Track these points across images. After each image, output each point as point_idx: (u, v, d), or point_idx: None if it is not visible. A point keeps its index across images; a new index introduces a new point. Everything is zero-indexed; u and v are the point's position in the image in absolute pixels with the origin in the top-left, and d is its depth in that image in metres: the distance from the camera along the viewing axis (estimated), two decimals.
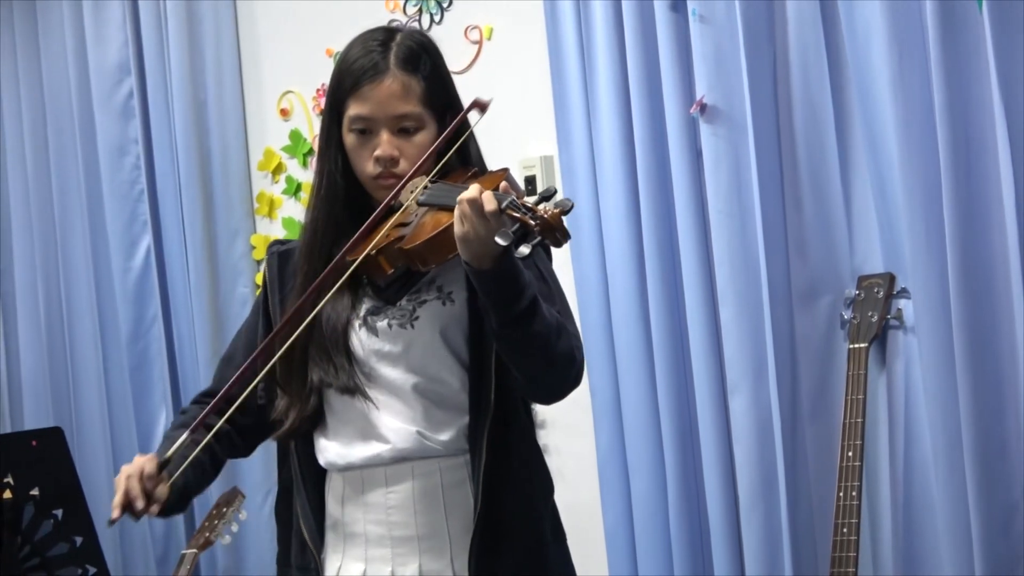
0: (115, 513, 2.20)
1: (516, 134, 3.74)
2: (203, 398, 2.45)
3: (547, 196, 2.02)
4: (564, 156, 3.60)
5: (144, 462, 2.23)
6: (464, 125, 2.31)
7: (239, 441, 2.42)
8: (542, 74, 3.66)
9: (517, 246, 1.99)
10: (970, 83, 2.93)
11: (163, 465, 2.23)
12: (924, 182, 2.98)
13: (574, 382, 2.23)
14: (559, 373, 2.20)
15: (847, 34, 3.12)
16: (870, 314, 3.12)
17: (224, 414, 2.26)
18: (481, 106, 2.29)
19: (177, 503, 2.29)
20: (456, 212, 2.06)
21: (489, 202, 2.03)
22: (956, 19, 2.92)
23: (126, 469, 2.22)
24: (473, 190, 2.05)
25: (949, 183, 2.92)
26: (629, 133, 3.45)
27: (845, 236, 3.23)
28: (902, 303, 3.13)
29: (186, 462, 2.24)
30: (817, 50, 3.20)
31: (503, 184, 2.08)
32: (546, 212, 1.98)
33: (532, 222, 1.98)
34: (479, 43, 3.88)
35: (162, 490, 2.22)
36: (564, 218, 1.98)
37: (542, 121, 3.70)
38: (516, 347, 2.15)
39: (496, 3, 3.85)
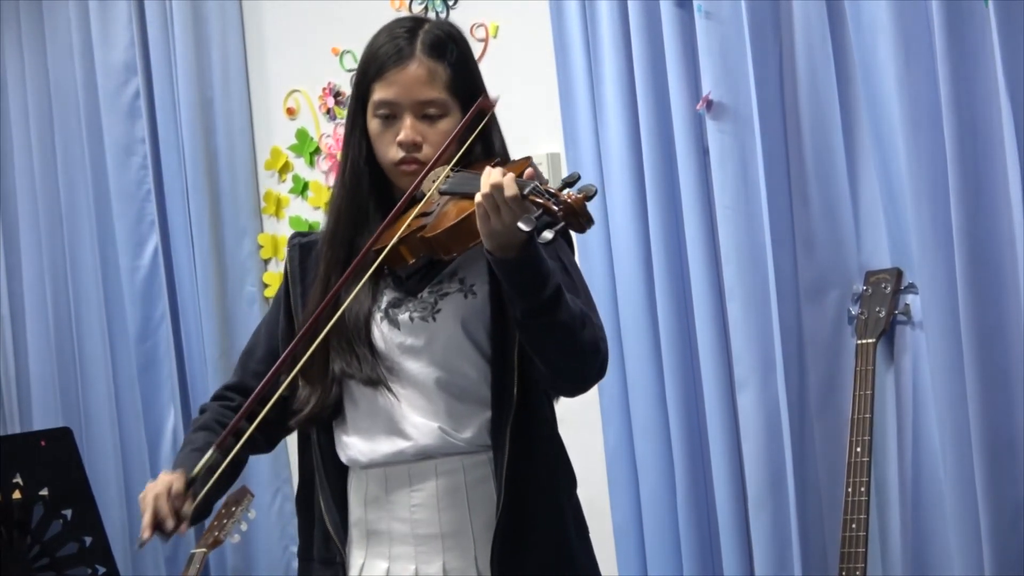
0: (145, 534, 2.18)
1: (522, 131, 3.72)
2: (226, 392, 2.43)
3: (570, 182, 2.01)
4: (571, 153, 3.60)
5: (171, 480, 2.21)
6: (484, 117, 2.29)
7: (261, 439, 2.37)
8: (548, 71, 3.66)
9: (540, 232, 1.97)
10: (976, 79, 2.93)
11: (190, 483, 2.21)
12: (931, 177, 2.98)
13: (599, 373, 2.22)
14: (584, 363, 2.18)
15: (853, 30, 3.12)
16: (878, 309, 3.12)
17: (255, 418, 2.22)
18: (485, 107, 2.27)
19: (202, 514, 2.28)
20: (478, 198, 2.04)
21: (511, 187, 2.01)
22: (962, 15, 2.92)
23: (152, 488, 2.20)
24: (495, 175, 2.03)
25: (956, 178, 2.92)
26: (635, 130, 3.46)
27: (852, 232, 3.23)
28: (910, 298, 3.13)
29: (214, 477, 2.21)
30: (823, 46, 3.20)
31: (528, 171, 2.06)
32: (569, 197, 1.96)
33: (555, 207, 1.97)
34: (485, 41, 3.88)
35: (188, 507, 2.20)
36: (587, 203, 1.97)
37: (548, 118, 3.70)
38: (541, 337, 2.14)
39: (502, 1, 3.85)
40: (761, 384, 3.27)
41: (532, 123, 3.75)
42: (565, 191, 1.99)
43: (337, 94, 4.23)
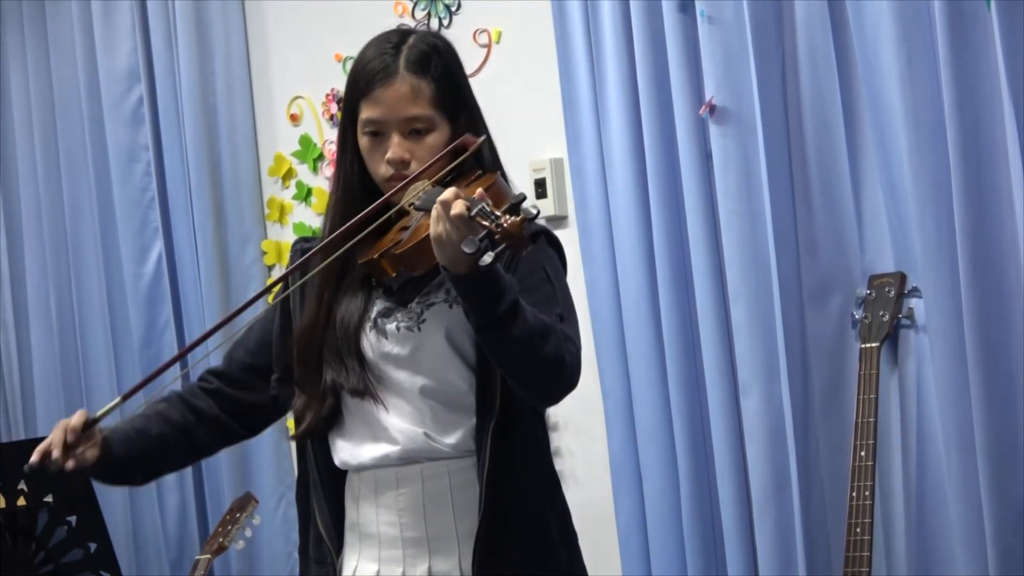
0: (34, 458, 2.24)
1: (526, 137, 3.75)
2: (208, 375, 2.51)
3: (517, 203, 2.02)
4: (574, 158, 3.60)
5: (76, 416, 2.28)
6: (477, 131, 2.32)
7: (235, 424, 2.46)
8: (551, 76, 3.66)
9: (483, 254, 1.99)
10: (979, 81, 2.93)
11: (89, 423, 2.27)
12: (934, 180, 2.98)
13: (567, 385, 2.23)
14: (546, 376, 2.19)
15: (856, 33, 3.12)
16: (881, 313, 3.12)
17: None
18: (465, 145, 2.30)
19: (118, 470, 2.36)
20: (431, 216, 2.08)
21: (458, 207, 2.03)
22: (964, 17, 2.92)
23: (62, 422, 2.28)
24: (448, 193, 2.06)
25: (959, 181, 2.92)
26: (638, 134, 3.46)
27: (855, 235, 3.23)
28: (913, 302, 3.13)
29: (103, 413, 2.28)
30: (826, 50, 3.20)
31: (479, 191, 2.08)
32: (507, 220, 1.98)
33: (496, 229, 1.98)
34: (488, 46, 3.89)
35: (92, 452, 2.28)
36: (525, 226, 1.98)
37: (552, 124, 3.71)
38: (497, 349, 2.16)
39: (504, 6, 3.85)
40: (765, 388, 3.27)
41: (535, 128, 3.76)
42: (507, 214, 2.00)
43: (340, 100, 4.23)
